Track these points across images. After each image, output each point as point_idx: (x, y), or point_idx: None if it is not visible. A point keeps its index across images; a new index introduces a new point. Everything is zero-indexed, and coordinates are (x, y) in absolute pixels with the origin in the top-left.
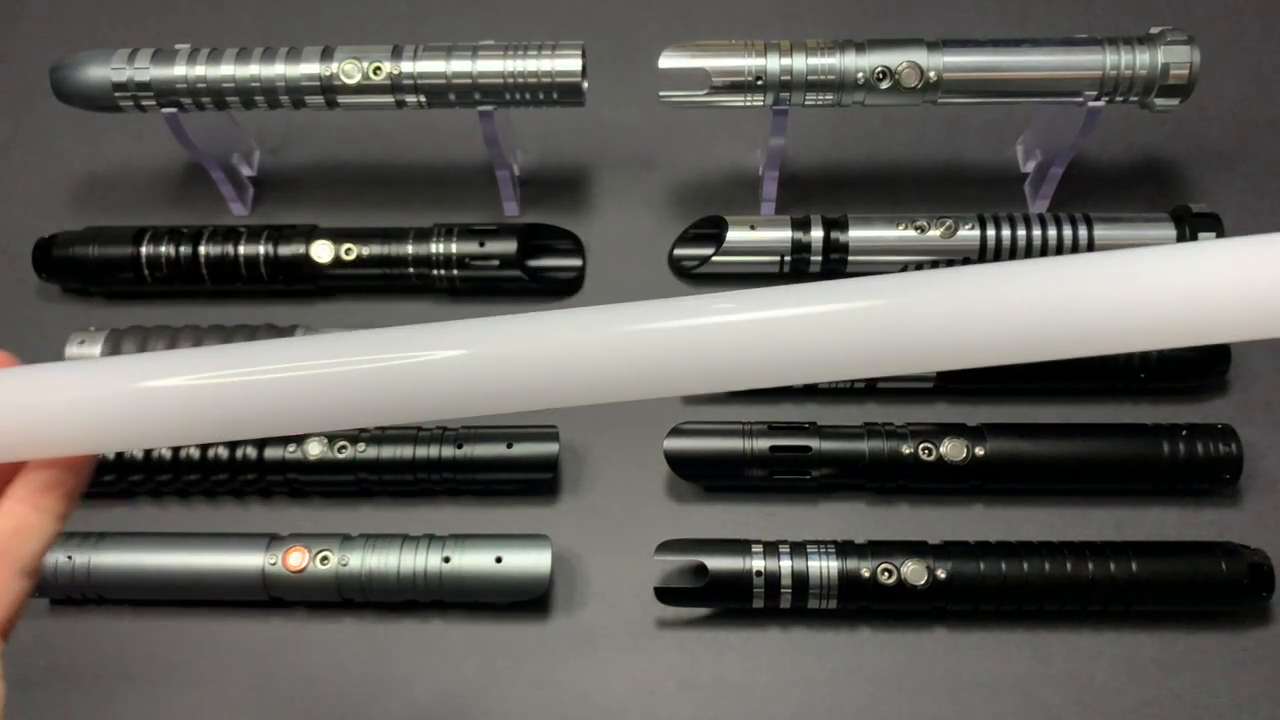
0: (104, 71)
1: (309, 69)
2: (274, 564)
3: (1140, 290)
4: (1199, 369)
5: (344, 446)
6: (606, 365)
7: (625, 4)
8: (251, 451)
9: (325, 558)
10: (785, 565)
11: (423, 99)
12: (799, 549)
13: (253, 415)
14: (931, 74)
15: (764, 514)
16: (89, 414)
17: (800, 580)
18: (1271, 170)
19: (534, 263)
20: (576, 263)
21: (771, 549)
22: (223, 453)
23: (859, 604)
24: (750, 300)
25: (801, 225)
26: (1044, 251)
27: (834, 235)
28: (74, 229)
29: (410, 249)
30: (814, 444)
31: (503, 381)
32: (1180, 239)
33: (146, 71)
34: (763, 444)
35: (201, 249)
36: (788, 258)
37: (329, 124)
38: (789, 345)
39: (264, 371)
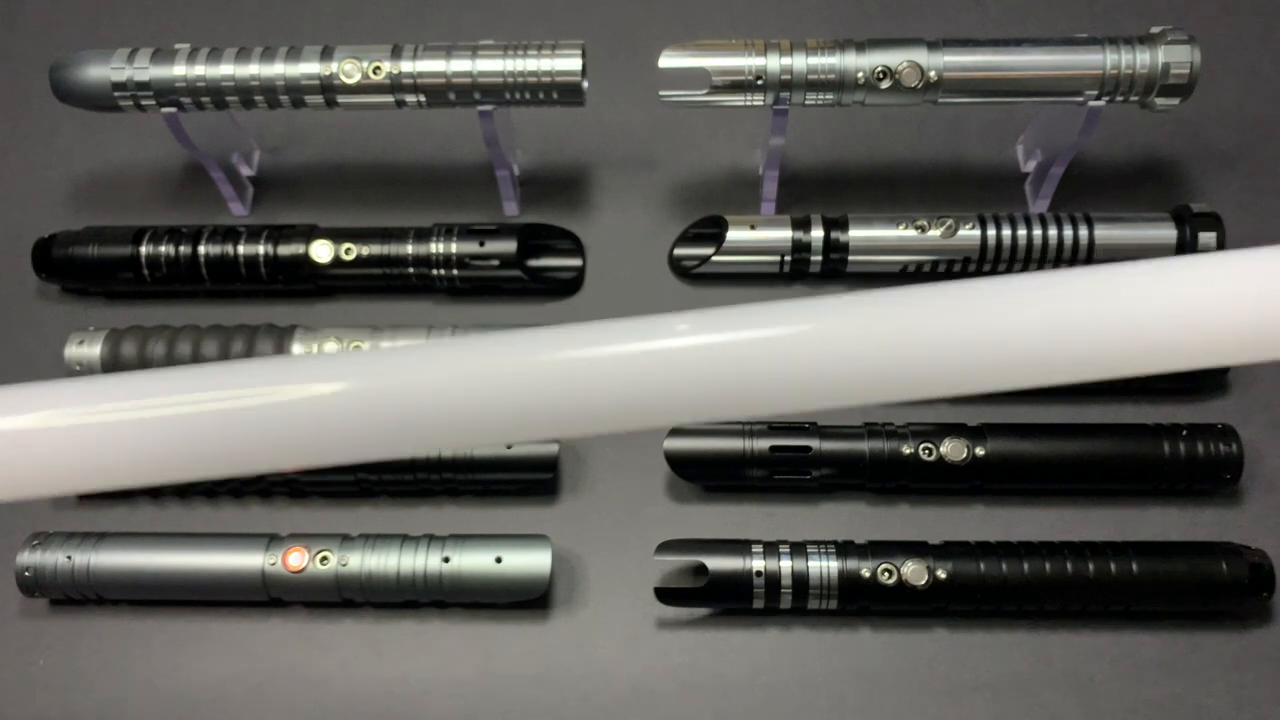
0: (103, 71)
1: (308, 68)
2: (274, 564)
3: (1148, 310)
4: (1200, 369)
5: None
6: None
7: (625, 4)
8: None
9: (325, 558)
10: (785, 565)
11: (422, 99)
12: (799, 549)
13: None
14: (932, 74)
15: (764, 514)
16: None
17: (800, 580)
18: (1272, 170)
19: (534, 263)
20: (576, 263)
21: (772, 549)
22: None
23: (859, 604)
24: (684, 324)
25: (802, 225)
26: (1045, 251)
27: (834, 235)
28: (73, 229)
29: (410, 249)
30: (814, 444)
31: (383, 421)
32: (1181, 239)
33: (146, 71)
34: (763, 444)
35: (201, 249)
36: (788, 257)
37: (329, 124)
38: (756, 371)
39: (100, 413)
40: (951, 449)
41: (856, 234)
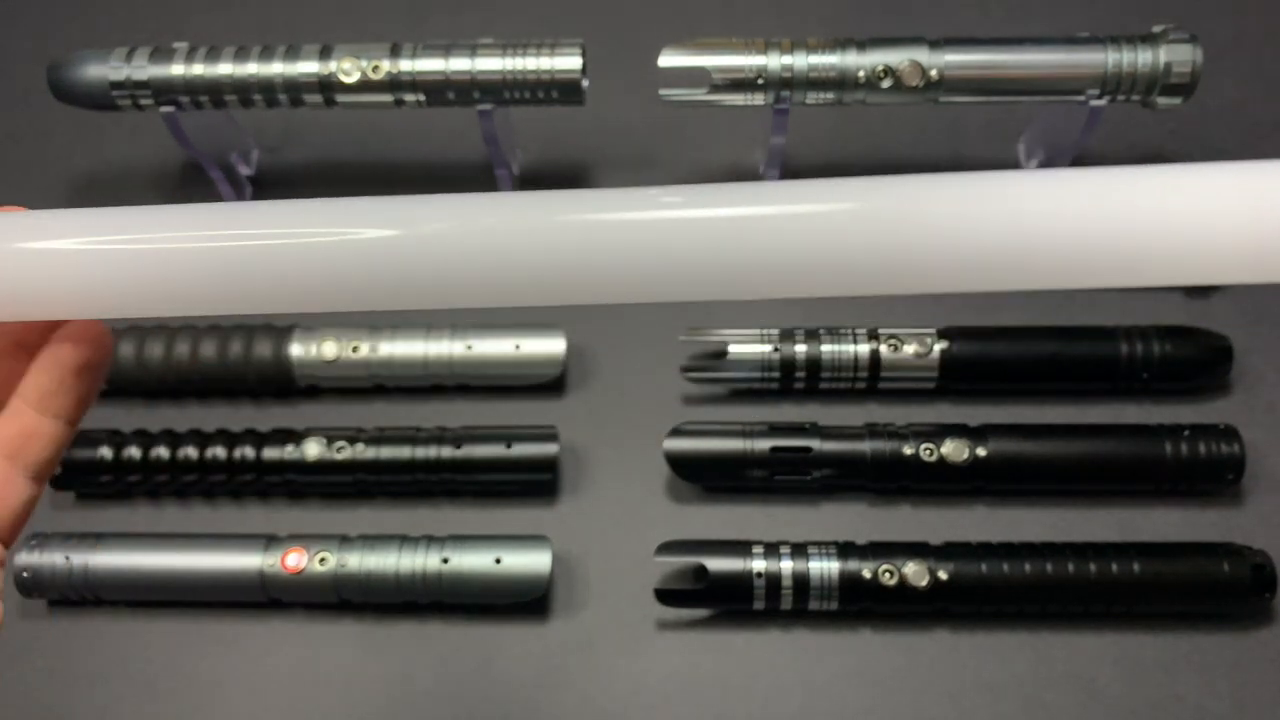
0: (101, 70)
1: (307, 67)
2: (272, 565)
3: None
4: (1201, 369)
5: (342, 447)
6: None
7: (625, 3)
8: (249, 451)
9: (323, 559)
10: (786, 566)
11: (422, 97)
12: (800, 550)
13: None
14: (933, 72)
15: (765, 515)
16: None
17: (801, 581)
18: None
19: None
20: None
21: (772, 550)
22: (220, 453)
23: (860, 605)
24: (731, 195)
25: None
26: None
27: None
28: None
29: None
30: (815, 444)
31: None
32: None
33: (144, 70)
34: (763, 444)
35: None
36: None
37: (327, 123)
38: (766, 247)
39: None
40: (953, 449)
41: None
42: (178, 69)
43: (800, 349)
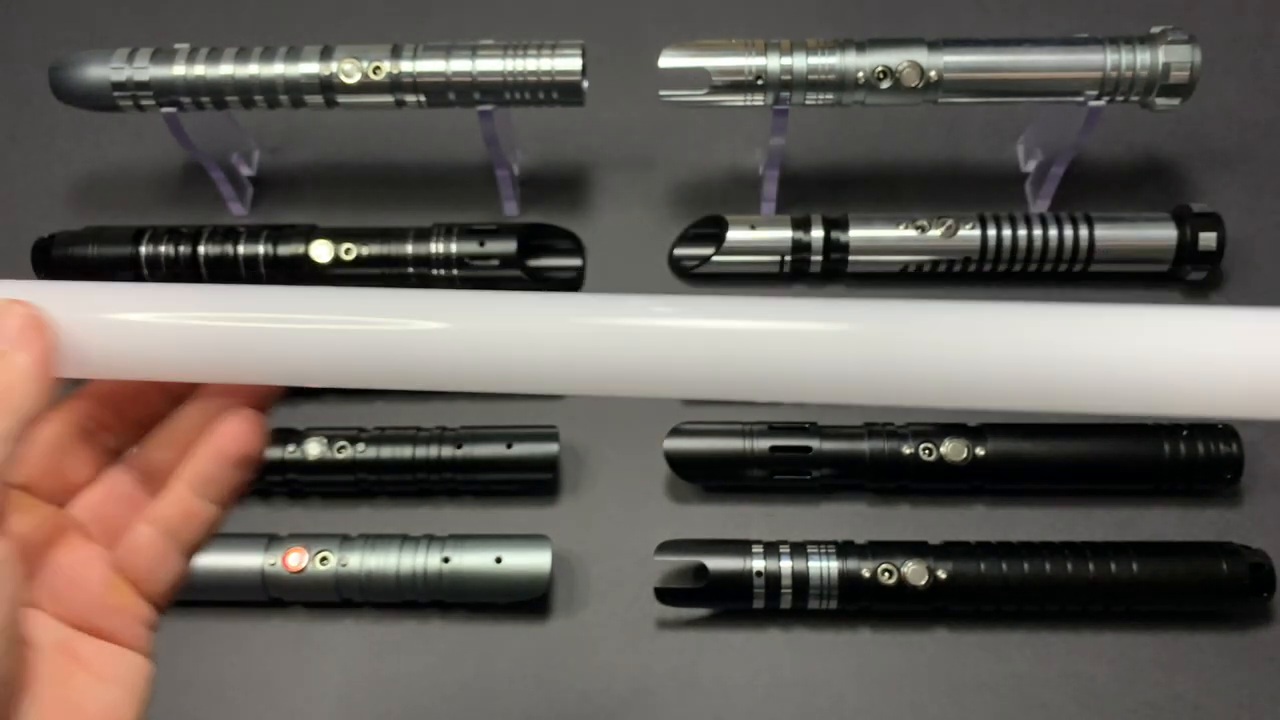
0: (103, 71)
1: (308, 68)
2: (273, 564)
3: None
4: None
5: (343, 447)
6: (605, 356)
7: (625, 3)
8: None
9: (324, 558)
10: (786, 565)
11: (422, 98)
12: (799, 549)
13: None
14: (932, 73)
15: (764, 514)
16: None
17: (801, 580)
18: (1272, 170)
19: (534, 262)
20: (576, 262)
21: (772, 549)
22: None
23: (859, 604)
24: (744, 309)
25: (802, 225)
26: (1045, 251)
27: (834, 235)
28: (73, 229)
29: (410, 249)
30: (814, 444)
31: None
32: (1181, 239)
33: (146, 71)
34: (763, 444)
35: (201, 249)
36: (788, 257)
37: (328, 123)
38: (790, 359)
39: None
40: (951, 449)
41: (857, 234)
42: (179, 70)
43: None
